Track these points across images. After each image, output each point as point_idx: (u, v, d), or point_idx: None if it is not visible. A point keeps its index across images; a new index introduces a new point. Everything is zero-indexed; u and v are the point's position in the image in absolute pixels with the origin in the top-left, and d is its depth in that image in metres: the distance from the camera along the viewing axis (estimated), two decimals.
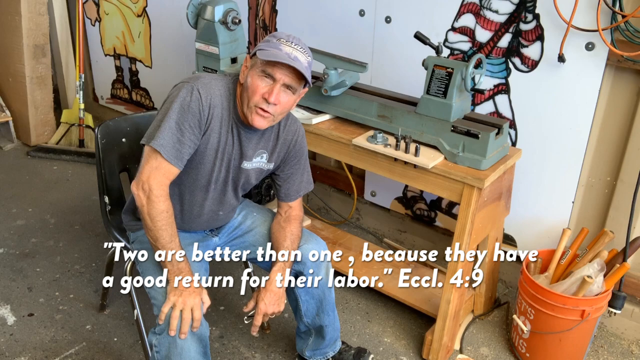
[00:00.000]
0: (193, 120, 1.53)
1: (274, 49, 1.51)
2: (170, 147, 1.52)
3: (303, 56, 1.53)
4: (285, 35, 1.54)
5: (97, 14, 3.68)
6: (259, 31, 2.83)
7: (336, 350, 1.95)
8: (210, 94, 1.55)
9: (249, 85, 1.54)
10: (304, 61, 1.53)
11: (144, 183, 1.53)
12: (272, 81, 1.52)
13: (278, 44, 1.52)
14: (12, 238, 2.73)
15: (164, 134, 1.52)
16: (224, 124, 1.60)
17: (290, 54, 1.51)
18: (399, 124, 1.97)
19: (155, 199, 1.52)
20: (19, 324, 2.19)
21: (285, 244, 1.72)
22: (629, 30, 1.77)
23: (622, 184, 1.99)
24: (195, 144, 1.57)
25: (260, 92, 1.52)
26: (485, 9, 2.08)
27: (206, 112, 1.55)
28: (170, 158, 1.53)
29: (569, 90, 1.98)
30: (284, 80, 1.52)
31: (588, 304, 1.84)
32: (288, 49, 1.51)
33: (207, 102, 1.55)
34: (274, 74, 1.51)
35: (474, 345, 2.16)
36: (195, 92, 1.53)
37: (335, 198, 2.92)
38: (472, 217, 1.83)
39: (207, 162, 1.62)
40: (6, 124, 3.71)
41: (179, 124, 1.53)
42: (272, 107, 1.53)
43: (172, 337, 1.48)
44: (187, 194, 1.68)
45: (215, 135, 1.59)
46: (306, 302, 1.80)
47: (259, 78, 1.53)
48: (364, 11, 2.40)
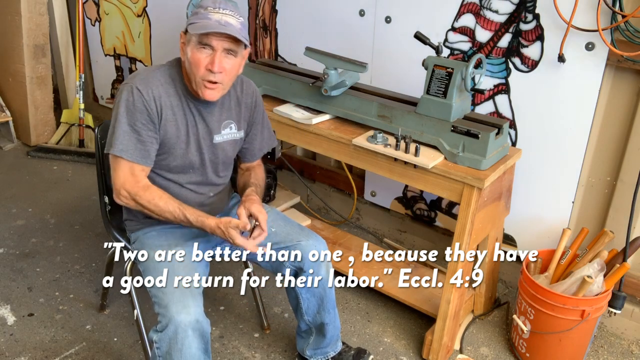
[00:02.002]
0: (143, 118, 1.58)
1: (204, 19, 1.52)
2: (132, 149, 1.58)
3: (234, 19, 1.53)
4: (211, 2, 1.55)
5: (97, 14, 3.69)
6: (259, 31, 2.83)
7: (337, 351, 1.95)
8: (150, 87, 1.59)
9: (190, 60, 1.56)
10: (236, 24, 1.53)
11: (121, 190, 1.60)
12: (212, 50, 1.54)
13: (206, 13, 1.52)
14: (12, 238, 2.72)
15: (121, 138, 1.57)
16: (177, 109, 1.63)
17: (221, 20, 1.51)
18: (399, 124, 1.97)
19: (138, 197, 1.60)
20: (19, 324, 2.19)
21: (251, 181, 1.80)
22: (629, 30, 1.77)
23: (622, 184, 1.99)
24: (156, 139, 1.62)
25: (203, 63, 1.54)
26: (485, 9, 2.08)
27: (152, 105, 1.59)
28: (136, 159, 1.59)
29: (569, 90, 1.98)
30: (223, 46, 1.53)
31: (588, 304, 1.84)
32: (217, 16, 1.52)
33: (150, 95, 1.58)
34: (210, 42, 1.53)
35: (474, 345, 2.16)
36: (136, 90, 1.57)
37: (335, 198, 2.92)
38: (472, 217, 1.83)
39: (176, 150, 1.66)
40: (6, 124, 3.71)
41: (131, 125, 1.58)
42: (218, 75, 1.56)
43: (173, 333, 1.48)
44: (171, 186, 1.71)
45: (171, 123, 1.63)
46: (307, 300, 1.80)
47: (198, 51, 1.54)
48: (364, 11, 2.40)
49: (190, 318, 1.49)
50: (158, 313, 1.54)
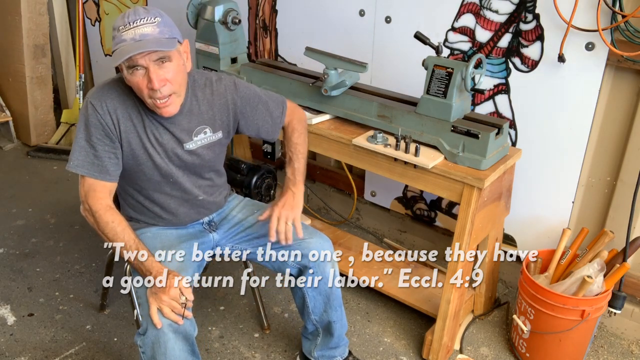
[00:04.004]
0: (99, 133, 1.54)
1: (120, 43, 1.42)
2: (88, 165, 1.56)
3: (148, 27, 1.43)
4: (121, 20, 1.44)
5: (97, 14, 3.68)
6: (259, 31, 2.83)
7: (344, 356, 1.94)
8: (104, 101, 1.54)
9: (133, 88, 1.49)
10: (152, 31, 1.43)
11: (84, 203, 1.59)
12: (144, 69, 1.44)
13: (120, 35, 1.43)
14: (12, 238, 2.73)
15: (76, 155, 1.56)
16: (136, 120, 1.57)
17: (135, 36, 1.41)
18: (399, 124, 1.97)
19: (97, 214, 1.56)
20: (19, 324, 2.20)
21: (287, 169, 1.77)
22: (629, 30, 1.77)
23: (622, 184, 1.99)
24: (115, 153, 1.57)
25: (143, 85, 1.46)
26: (485, 9, 2.08)
27: (107, 119, 1.54)
28: (93, 174, 1.57)
29: (569, 90, 1.98)
30: (151, 59, 1.43)
31: (588, 304, 1.84)
32: (130, 34, 1.41)
33: (104, 109, 1.53)
34: (137, 63, 1.43)
35: (474, 345, 2.16)
36: (90, 106, 1.54)
37: (335, 198, 2.92)
38: (472, 217, 1.83)
39: (144, 160, 1.62)
40: (6, 124, 3.72)
41: (88, 140, 1.55)
42: (164, 89, 1.47)
43: (155, 337, 1.47)
44: (153, 194, 1.70)
45: (133, 134, 1.58)
46: (313, 299, 1.79)
47: (132, 75, 1.46)
48: (364, 11, 2.40)
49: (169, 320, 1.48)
50: (141, 315, 1.52)
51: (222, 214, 1.86)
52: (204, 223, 1.82)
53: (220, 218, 1.85)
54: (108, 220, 1.55)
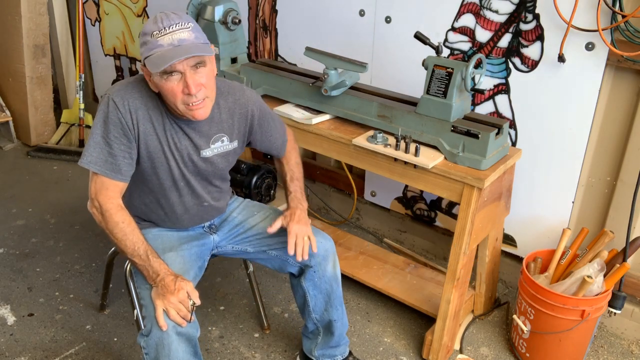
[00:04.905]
0: (117, 131, 1.52)
1: (156, 49, 1.41)
2: (102, 162, 1.52)
3: (185, 31, 1.43)
4: (154, 25, 1.43)
5: (97, 14, 3.69)
6: (259, 31, 2.83)
7: (344, 355, 1.94)
8: (126, 100, 1.52)
9: (165, 93, 1.48)
10: (189, 36, 1.43)
11: (94, 200, 1.55)
12: (180, 74, 1.44)
13: (155, 41, 1.41)
14: (12, 238, 2.73)
15: (91, 150, 1.53)
16: (157, 122, 1.56)
17: (173, 42, 1.41)
18: (399, 124, 1.97)
19: (107, 214, 1.54)
20: (19, 324, 2.20)
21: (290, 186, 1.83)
22: (629, 30, 1.77)
23: (622, 184, 1.99)
24: (130, 153, 1.55)
25: (178, 91, 1.45)
26: (485, 9, 2.08)
27: (128, 118, 1.52)
28: (105, 173, 1.53)
29: (569, 90, 1.98)
30: (189, 65, 1.43)
31: (588, 304, 1.84)
32: (167, 39, 1.41)
33: (125, 108, 1.51)
34: (175, 69, 1.42)
35: (474, 345, 2.16)
36: (112, 102, 1.51)
37: (335, 198, 2.92)
38: (472, 217, 1.83)
39: (159, 164, 1.60)
40: (6, 124, 3.72)
41: (105, 137, 1.52)
42: (200, 93, 1.47)
43: (159, 338, 1.47)
44: (161, 198, 1.69)
45: (152, 136, 1.56)
46: (314, 297, 1.79)
47: (167, 81, 1.45)
48: (364, 11, 2.40)
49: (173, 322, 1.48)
50: (144, 316, 1.52)
51: (223, 217, 1.86)
52: (204, 226, 1.82)
53: (221, 220, 1.85)
54: (118, 220, 1.54)
